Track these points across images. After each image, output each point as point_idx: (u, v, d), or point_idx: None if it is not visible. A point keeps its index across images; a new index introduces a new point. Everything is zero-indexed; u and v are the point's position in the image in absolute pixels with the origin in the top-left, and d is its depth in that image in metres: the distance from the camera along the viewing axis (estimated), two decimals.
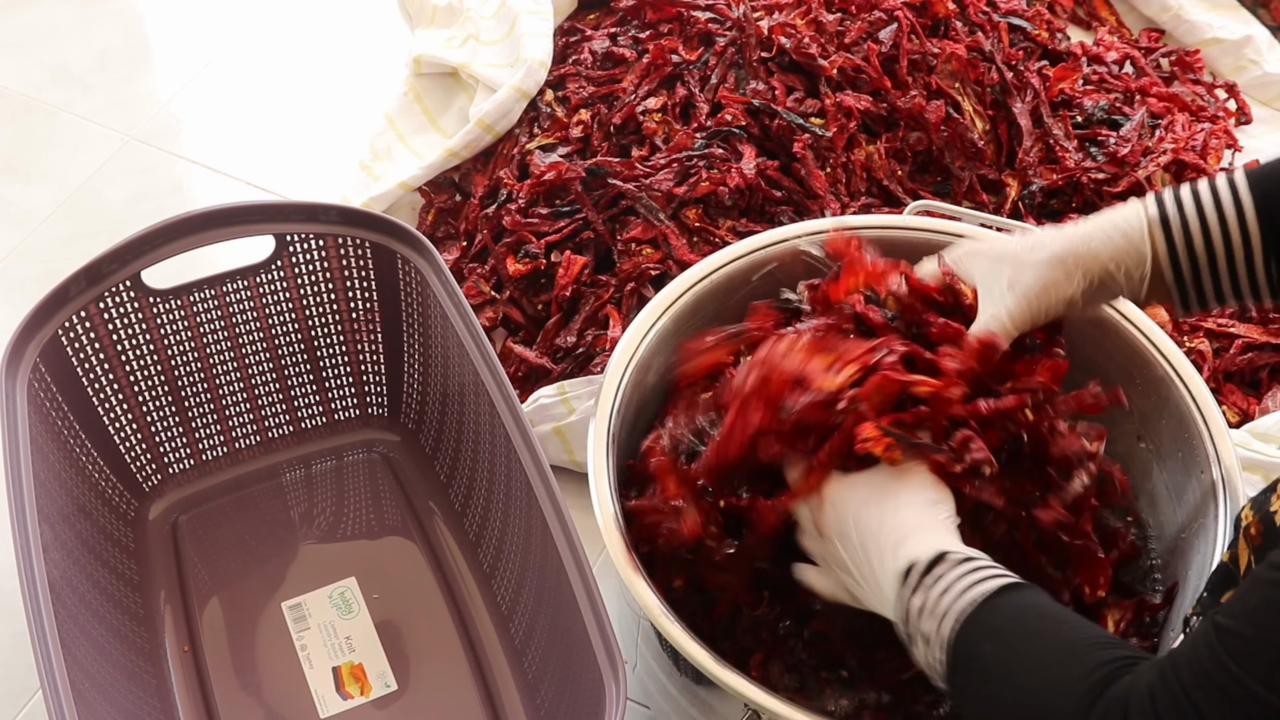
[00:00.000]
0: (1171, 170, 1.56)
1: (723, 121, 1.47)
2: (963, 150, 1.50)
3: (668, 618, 0.94)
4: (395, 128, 1.65)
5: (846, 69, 1.51)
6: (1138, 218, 0.91)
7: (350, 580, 1.26)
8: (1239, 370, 1.41)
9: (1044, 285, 0.91)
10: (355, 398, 1.36)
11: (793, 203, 1.44)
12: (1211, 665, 0.68)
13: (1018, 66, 1.58)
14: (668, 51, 1.55)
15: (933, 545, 0.83)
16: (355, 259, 1.28)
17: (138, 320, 1.23)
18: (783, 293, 1.09)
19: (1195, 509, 1.04)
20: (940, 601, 0.80)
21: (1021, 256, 0.93)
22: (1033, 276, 0.91)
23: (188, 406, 1.30)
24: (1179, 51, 1.77)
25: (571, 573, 1.05)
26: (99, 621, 1.12)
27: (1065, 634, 0.77)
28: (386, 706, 1.19)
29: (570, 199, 1.46)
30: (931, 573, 0.81)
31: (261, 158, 1.68)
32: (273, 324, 1.30)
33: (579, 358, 1.38)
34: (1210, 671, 0.68)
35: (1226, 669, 0.67)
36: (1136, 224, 0.91)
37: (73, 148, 1.68)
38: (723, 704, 1.01)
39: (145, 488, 1.30)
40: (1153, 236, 0.90)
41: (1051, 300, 0.92)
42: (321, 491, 1.34)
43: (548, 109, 1.59)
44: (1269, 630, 0.67)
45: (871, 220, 1.20)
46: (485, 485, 1.23)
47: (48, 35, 1.82)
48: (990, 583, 0.80)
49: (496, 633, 1.22)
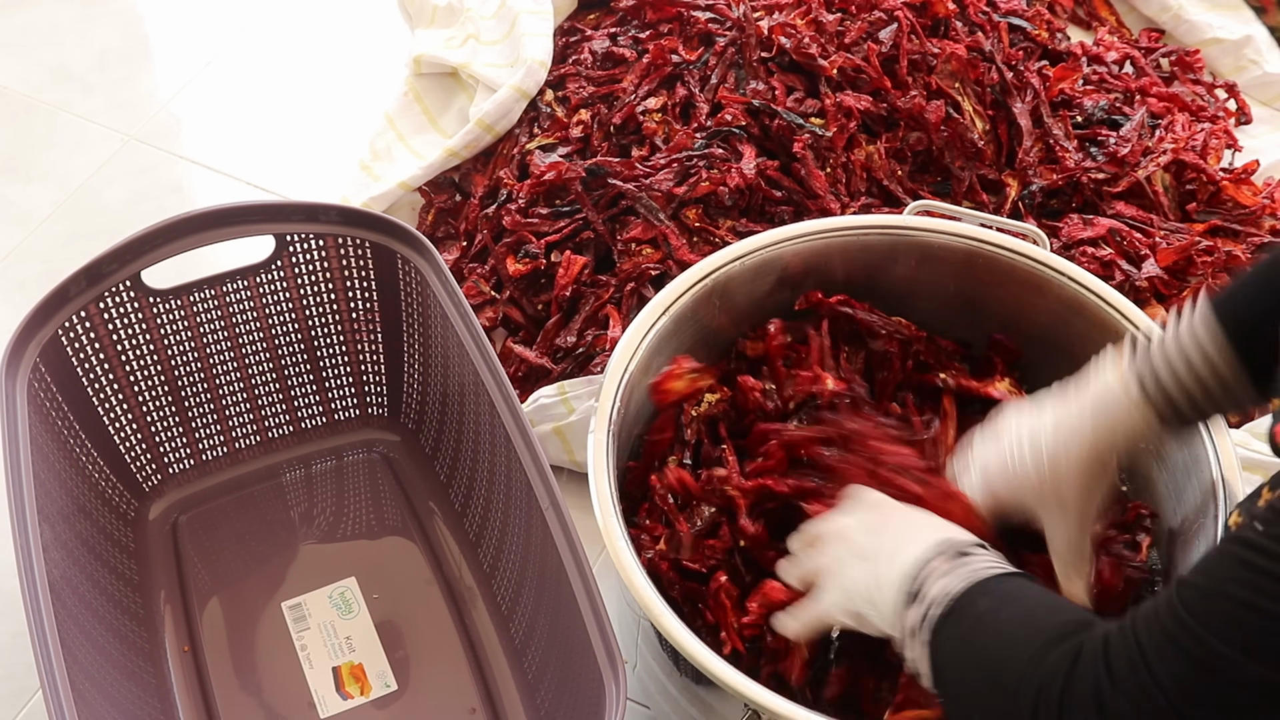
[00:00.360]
0: (1171, 170, 1.56)
1: (723, 121, 1.47)
2: (963, 150, 1.50)
3: (668, 618, 0.94)
4: (395, 128, 1.65)
5: (846, 69, 1.51)
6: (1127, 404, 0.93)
7: (350, 580, 1.26)
8: None
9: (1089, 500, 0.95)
10: (355, 398, 1.36)
11: (793, 203, 1.44)
12: (1166, 614, 0.70)
13: (1018, 66, 1.58)
14: (668, 51, 1.55)
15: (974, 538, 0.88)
16: (355, 259, 1.28)
17: (138, 320, 1.23)
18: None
19: (1195, 509, 1.04)
20: (959, 572, 0.83)
21: (1056, 496, 0.95)
22: (1078, 506, 0.95)
23: (188, 406, 1.30)
24: (1179, 51, 1.77)
25: (571, 573, 1.05)
26: (99, 621, 1.12)
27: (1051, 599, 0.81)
28: (386, 706, 1.19)
29: (570, 199, 1.46)
30: (965, 554, 0.85)
31: (261, 158, 1.68)
32: (273, 324, 1.30)
33: (579, 358, 1.38)
34: (1164, 620, 0.70)
35: (1178, 617, 0.69)
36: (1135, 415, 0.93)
37: (73, 148, 1.68)
38: (723, 704, 1.01)
39: (145, 488, 1.30)
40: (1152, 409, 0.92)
41: (1098, 502, 0.95)
42: (321, 491, 1.34)
43: (548, 109, 1.59)
44: (1223, 582, 0.69)
45: (871, 220, 1.20)
46: (485, 485, 1.23)
47: (48, 35, 1.82)
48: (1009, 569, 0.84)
49: (496, 633, 1.22)
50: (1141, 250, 1.44)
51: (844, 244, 1.18)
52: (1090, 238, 1.45)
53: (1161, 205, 1.53)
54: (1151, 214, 1.52)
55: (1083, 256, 1.42)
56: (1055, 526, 0.96)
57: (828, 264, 1.19)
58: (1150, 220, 1.50)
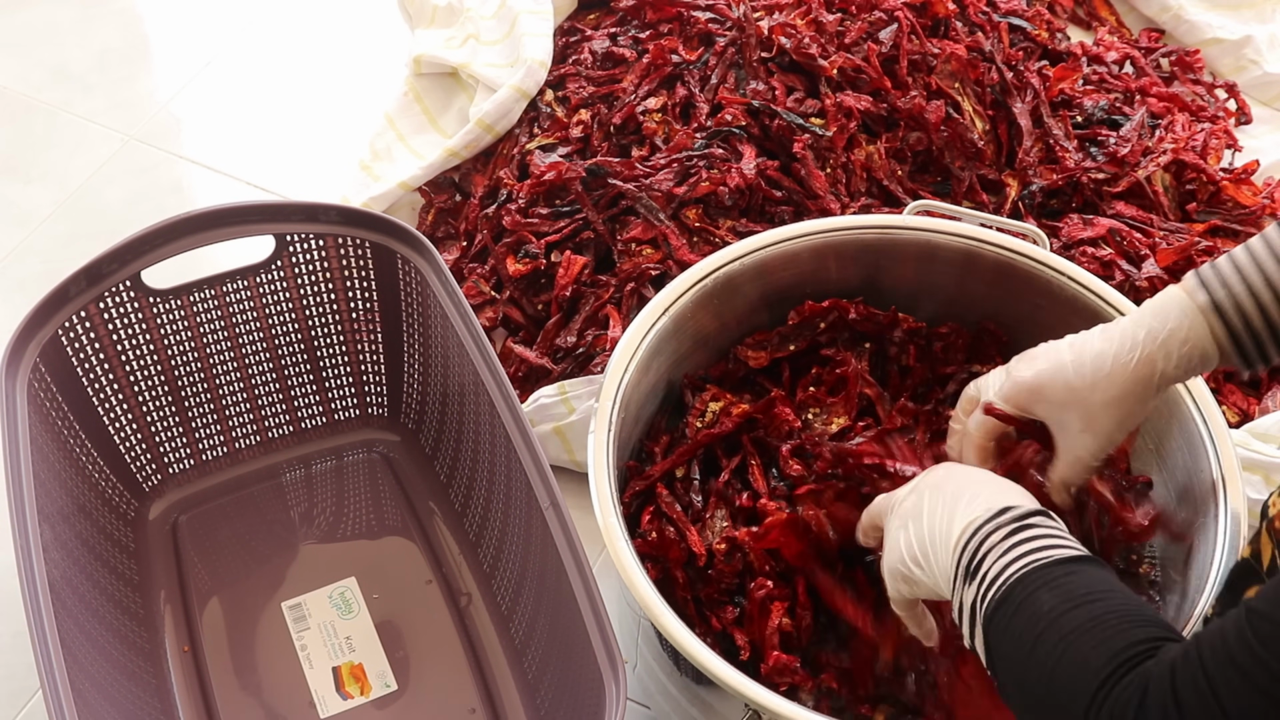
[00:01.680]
0: (1171, 170, 1.56)
1: (723, 121, 1.47)
2: (963, 150, 1.50)
3: (668, 618, 0.94)
4: (395, 128, 1.65)
5: (846, 69, 1.51)
6: (1190, 313, 0.88)
7: (350, 580, 1.26)
8: (1239, 370, 1.40)
9: (1119, 423, 0.91)
10: (355, 398, 1.36)
11: (793, 203, 1.44)
12: (1237, 646, 0.67)
13: (1018, 66, 1.58)
14: (668, 51, 1.55)
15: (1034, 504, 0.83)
16: (355, 259, 1.28)
17: (138, 320, 1.23)
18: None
19: (1195, 509, 1.04)
20: (1019, 546, 0.79)
21: (1086, 398, 0.90)
22: (1106, 418, 0.90)
23: (188, 406, 1.30)
24: (1179, 51, 1.77)
25: (571, 573, 1.04)
26: (99, 621, 1.12)
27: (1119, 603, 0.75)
28: (386, 706, 1.19)
29: (570, 199, 1.46)
30: (1024, 524, 0.80)
31: (261, 158, 1.68)
32: (273, 324, 1.30)
33: (579, 358, 1.38)
34: (1234, 652, 0.67)
35: (1251, 650, 0.66)
36: (1195, 325, 0.88)
37: (73, 148, 1.68)
38: (723, 704, 1.01)
39: (145, 488, 1.30)
40: (1213, 329, 0.88)
41: (1128, 429, 0.92)
42: (321, 491, 1.34)
43: (548, 109, 1.59)
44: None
45: (871, 220, 1.20)
46: (485, 485, 1.23)
47: (48, 35, 1.82)
48: (1072, 550, 0.79)
49: (496, 633, 1.22)
50: (1141, 250, 1.44)
51: (844, 244, 1.18)
52: (1090, 238, 1.45)
53: (1161, 205, 1.53)
54: (1151, 214, 1.52)
55: (1083, 256, 1.42)
56: (1070, 439, 0.91)
57: (827, 264, 1.19)
58: (1150, 220, 1.50)
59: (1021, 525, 0.80)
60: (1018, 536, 0.79)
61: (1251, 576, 0.84)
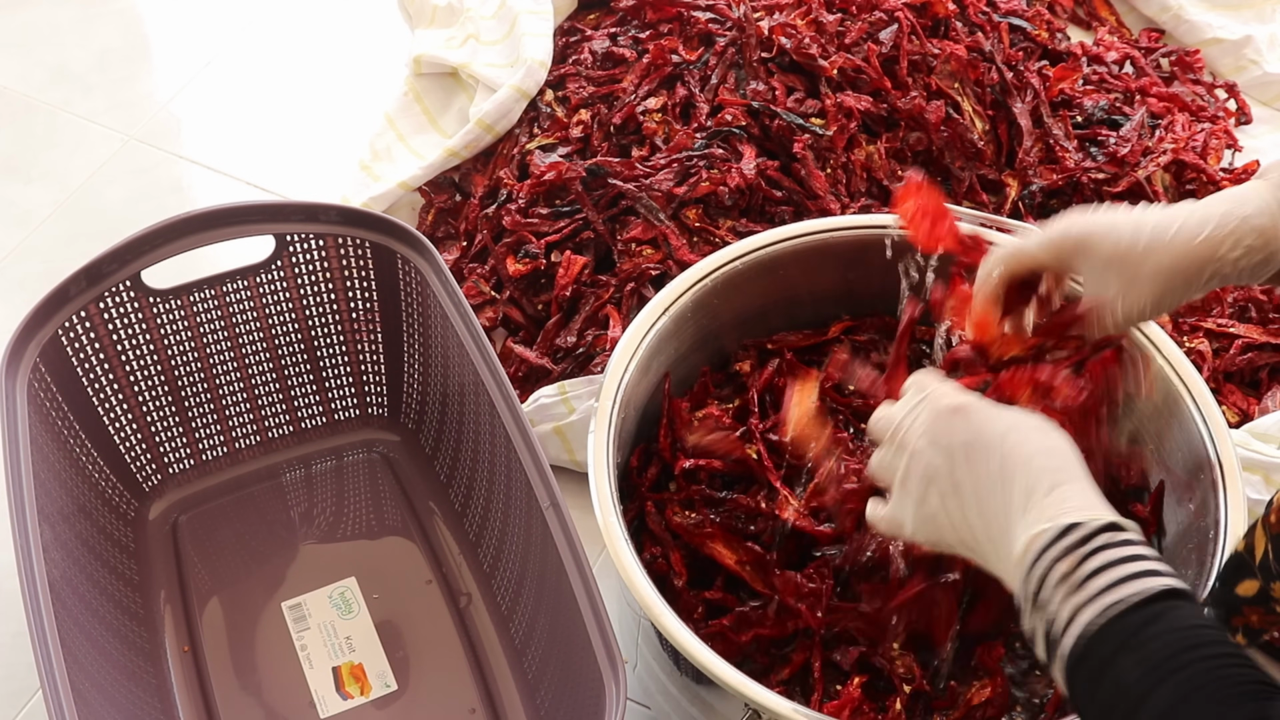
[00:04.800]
0: (1171, 170, 1.56)
1: (723, 121, 1.47)
2: (963, 150, 1.50)
3: (668, 618, 0.94)
4: (395, 128, 1.65)
5: (847, 69, 1.51)
6: (1271, 207, 0.82)
7: (350, 580, 1.26)
8: (1239, 370, 1.41)
9: (1157, 299, 0.84)
10: (355, 398, 1.36)
11: (793, 203, 1.44)
12: None
13: (1018, 66, 1.58)
14: (668, 51, 1.55)
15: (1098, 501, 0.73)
16: (355, 259, 1.28)
17: (138, 320, 1.23)
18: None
19: (1195, 509, 1.04)
20: (1090, 584, 0.69)
21: (1136, 261, 0.83)
22: (1149, 288, 0.83)
23: (188, 406, 1.30)
24: (1179, 51, 1.77)
25: (571, 573, 1.05)
26: (99, 621, 1.12)
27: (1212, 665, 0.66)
28: (386, 706, 1.19)
29: (570, 199, 1.46)
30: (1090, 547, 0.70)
31: (261, 158, 1.68)
32: (273, 324, 1.30)
33: (579, 358, 1.38)
34: None
35: None
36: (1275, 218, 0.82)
37: (73, 148, 1.69)
38: (723, 703, 1.01)
39: (145, 488, 1.30)
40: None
41: (1163, 310, 0.85)
42: (321, 491, 1.34)
43: (548, 109, 1.59)
44: None
45: (871, 220, 1.20)
46: (485, 485, 1.23)
47: (48, 35, 1.82)
48: (1148, 581, 0.69)
49: (496, 633, 1.22)
50: None
51: (844, 244, 1.18)
52: None
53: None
54: None
55: None
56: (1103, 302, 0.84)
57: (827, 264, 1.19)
58: None
59: (1091, 552, 0.70)
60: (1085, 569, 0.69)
61: (1244, 570, 0.83)
